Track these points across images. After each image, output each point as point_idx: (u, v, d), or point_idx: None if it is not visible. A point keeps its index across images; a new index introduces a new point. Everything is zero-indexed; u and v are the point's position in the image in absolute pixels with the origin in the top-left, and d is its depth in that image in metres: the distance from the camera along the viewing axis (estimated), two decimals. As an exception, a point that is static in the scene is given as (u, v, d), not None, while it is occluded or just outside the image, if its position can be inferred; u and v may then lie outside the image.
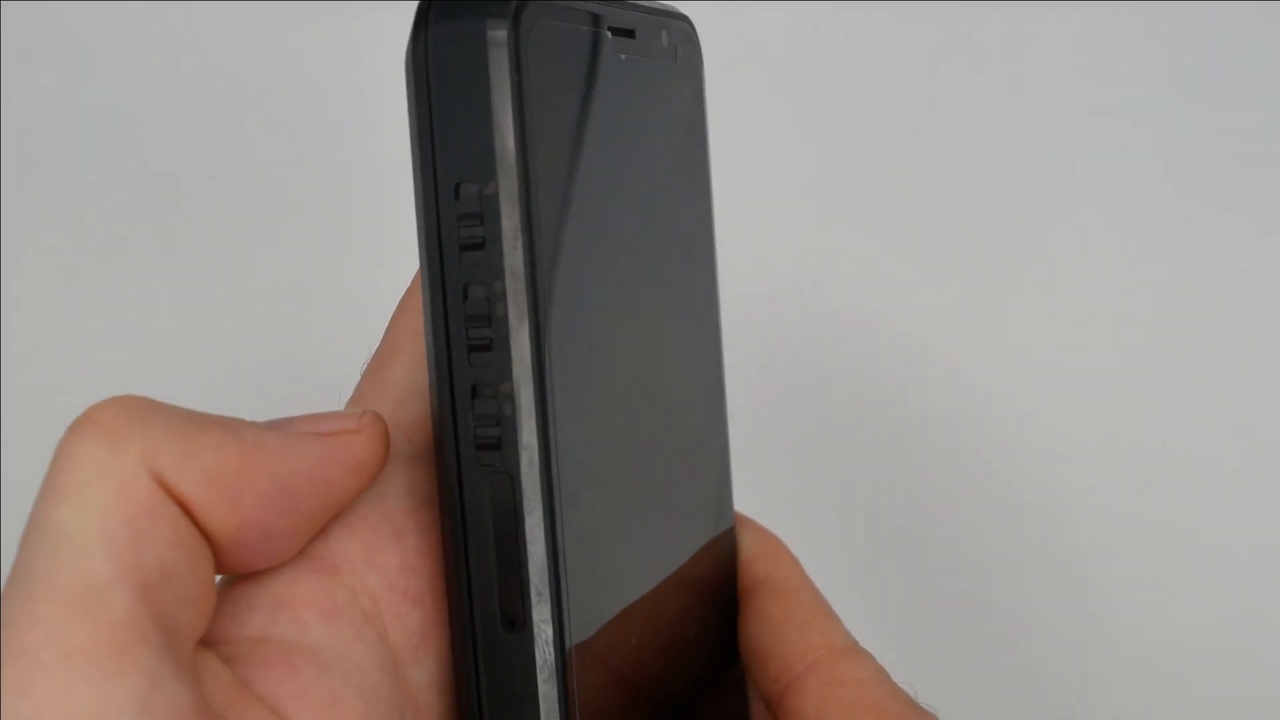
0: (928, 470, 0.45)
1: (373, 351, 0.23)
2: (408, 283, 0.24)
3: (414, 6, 0.20)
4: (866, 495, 0.46)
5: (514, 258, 0.19)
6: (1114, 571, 0.45)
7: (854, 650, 0.24)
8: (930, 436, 0.45)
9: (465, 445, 0.20)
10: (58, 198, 0.49)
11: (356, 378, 0.23)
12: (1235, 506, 0.44)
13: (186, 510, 0.18)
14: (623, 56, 0.22)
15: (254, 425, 0.19)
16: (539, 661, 0.20)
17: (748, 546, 0.26)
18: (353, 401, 0.22)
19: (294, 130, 0.48)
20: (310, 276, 0.48)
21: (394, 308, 0.23)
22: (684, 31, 0.25)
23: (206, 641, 0.18)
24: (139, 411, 0.18)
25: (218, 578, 0.19)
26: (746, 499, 0.28)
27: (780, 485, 0.44)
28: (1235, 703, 0.44)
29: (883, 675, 0.24)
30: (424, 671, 0.20)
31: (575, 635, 0.20)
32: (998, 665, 0.45)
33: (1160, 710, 0.44)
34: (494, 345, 0.19)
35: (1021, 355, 0.45)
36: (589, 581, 0.20)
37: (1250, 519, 0.44)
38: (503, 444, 0.19)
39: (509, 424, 0.19)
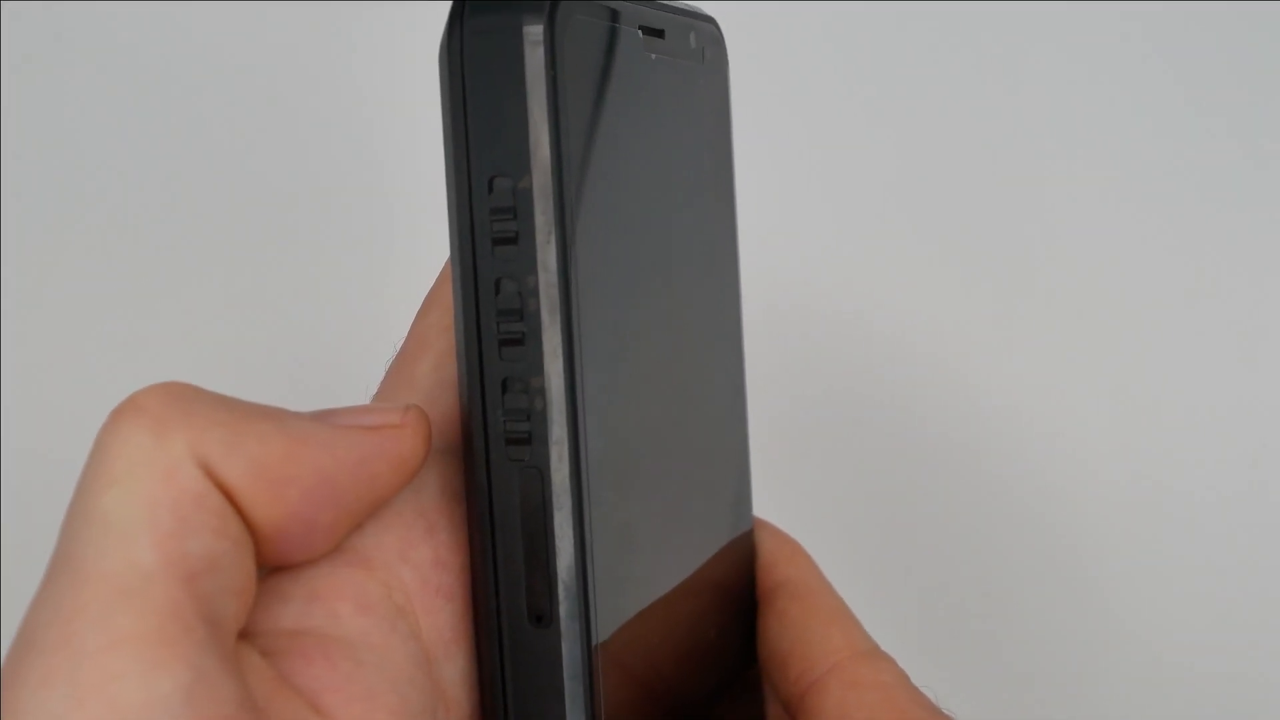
0: (941, 477, 0.45)
1: (398, 347, 0.23)
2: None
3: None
4: (881, 502, 0.46)
5: (547, 252, 0.19)
6: (1121, 576, 0.45)
7: (875, 653, 0.24)
8: (943, 443, 0.45)
9: (495, 440, 0.20)
10: (58, 198, 0.49)
11: (375, 375, 0.23)
12: (1238, 508, 0.44)
13: (231, 500, 0.17)
14: (652, 56, 0.22)
15: (299, 416, 0.19)
16: (565, 658, 0.20)
17: (767, 549, 0.26)
18: (380, 396, 0.22)
19: (300, 130, 0.48)
20: (317, 277, 0.48)
21: (418, 304, 0.23)
22: (711, 34, 0.25)
23: (242, 634, 0.18)
24: (184, 398, 0.17)
25: None
26: (763, 503, 0.28)
27: (795, 491, 0.43)
28: (1236, 704, 0.44)
29: (904, 679, 0.24)
30: (455, 668, 0.20)
31: (601, 632, 0.20)
32: (1006, 669, 0.45)
33: (1163, 713, 0.44)
34: (526, 339, 0.19)
35: (1030, 358, 0.45)
36: (615, 579, 0.20)
37: (1253, 520, 0.44)
38: (533, 439, 0.19)
39: (539, 419, 0.19)
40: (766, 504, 0.28)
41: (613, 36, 0.21)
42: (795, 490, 0.44)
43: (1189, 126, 0.45)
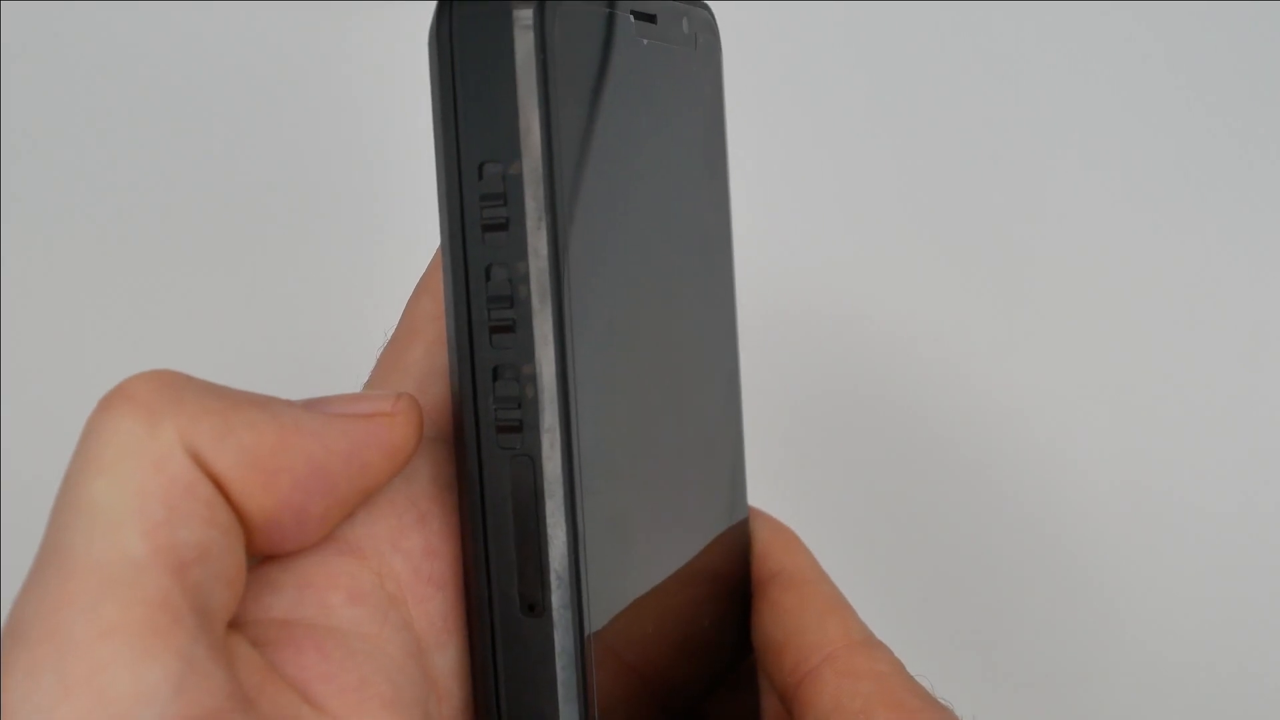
0: (941, 476, 0.45)
1: (389, 335, 0.23)
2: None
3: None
4: (881, 499, 0.46)
5: (537, 239, 0.19)
6: (1120, 576, 0.45)
7: (871, 643, 0.24)
8: (943, 443, 0.45)
9: (486, 428, 0.20)
10: (57, 197, 0.49)
11: (367, 364, 0.23)
12: (1238, 510, 0.44)
13: (221, 489, 0.17)
14: (644, 41, 0.22)
15: (290, 404, 0.18)
16: (558, 647, 0.19)
17: (762, 539, 0.26)
18: (371, 384, 0.22)
19: (292, 120, 0.48)
20: (309, 266, 0.48)
21: (410, 292, 0.23)
22: (704, 19, 0.25)
23: (232, 623, 0.18)
24: (175, 386, 0.17)
25: None
26: (763, 501, 0.28)
27: (795, 488, 0.43)
28: (1236, 705, 0.44)
29: (900, 668, 0.23)
30: (447, 658, 0.20)
31: (594, 622, 0.20)
32: (1004, 667, 0.45)
33: (1162, 713, 0.44)
34: (516, 327, 0.19)
35: (1030, 360, 0.45)
36: (608, 568, 0.20)
37: (1253, 522, 0.44)
38: (524, 426, 0.19)
39: (530, 406, 0.19)
40: (767, 502, 0.28)
41: (604, 21, 0.21)
42: (795, 487, 0.44)
43: (1191, 128, 0.44)
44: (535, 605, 0.19)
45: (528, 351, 0.19)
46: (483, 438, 0.20)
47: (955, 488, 0.45)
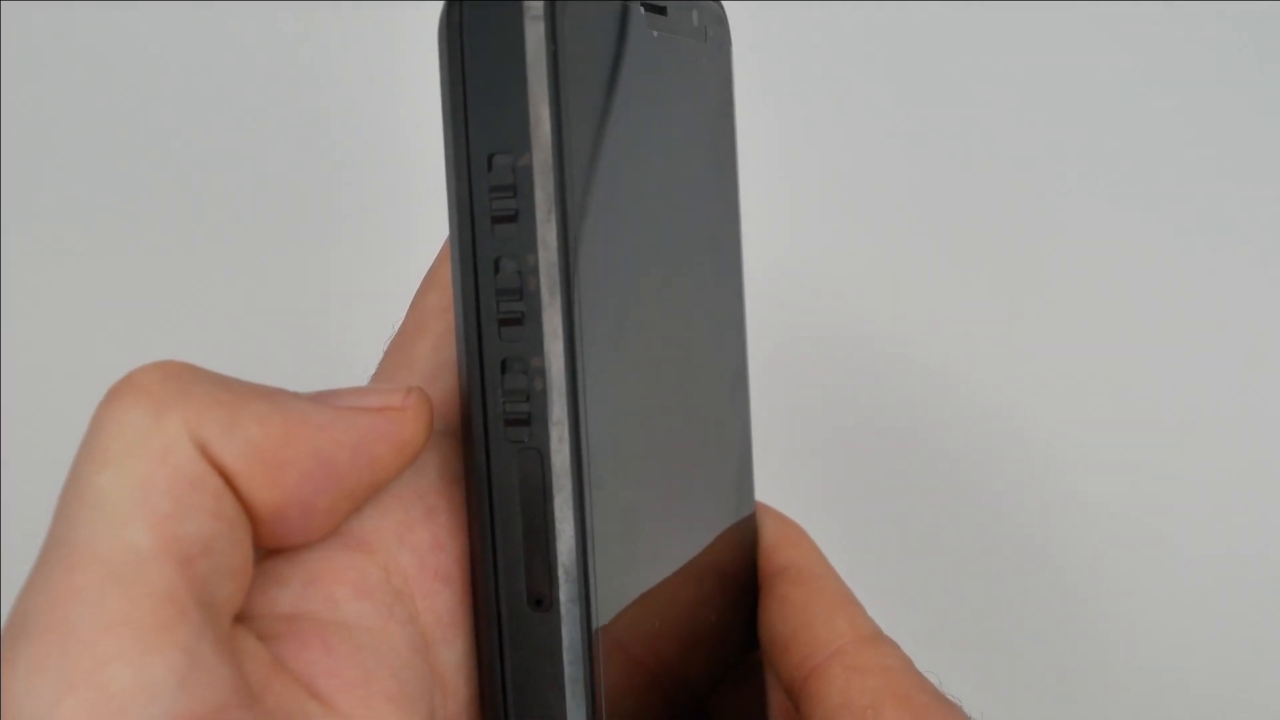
0: (945, 476, 0.45)
1: (396, 328, 0.23)
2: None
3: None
4: (881, 489, 0.46)
5: (547, 231, 0.19)
6: (1121, 577, 0.44)
7: (879, 638, 0.24)
8: (947, 444, 0.45)
9: (494, 421, 0.19)
10: (57, 198, 0.49)
11: (374, 357, 0.23)
12: (1240, 512, 0.44)
13: (228, 482, 0.17)
14: (655, 33, 0.22)
15: (298, 397, 0.18)
16: (565, 642, 0.19)
17: (769, 533, 0.26)
18: (378, 378, 0.22)
19: (298, 113, 0.48)
20: (315, 259, 0.48)
21: (417, 284, 0.23)
22: (714, 12, 0.25)
23: (237, 617, 0.18)
24: (182, 378, 0.17)
25: None
26: (764, 490, 0.28)
27: (800, 489, 0.43)
28: (1236, 705, 0.44)
29: (908, 664, 0.23)
30: (454, 652, 0.20)
31: (601, 616, 0.20)
32: (1007, 663, 0.45)
33: (1162, 714, 0.44)
34: (525, 319, 0.19)
35: (1033, 362, 0.45)
36: (616, 562, 0.20)
37: (1255, 524, 0.44)
38: (532, 420, 0.19)
39: (539, 399, 0.19)
40: (773, 498, 0.28)
41: (615, 12, 0.21)
42: (801, 484, 0.44)
43: (1194, 132, 0.44)
44: (542, 600, 0.19)
45: (536, 344, 0.19)
46: (491, 431, 0.19)
47: (961, 485, 0.45)
